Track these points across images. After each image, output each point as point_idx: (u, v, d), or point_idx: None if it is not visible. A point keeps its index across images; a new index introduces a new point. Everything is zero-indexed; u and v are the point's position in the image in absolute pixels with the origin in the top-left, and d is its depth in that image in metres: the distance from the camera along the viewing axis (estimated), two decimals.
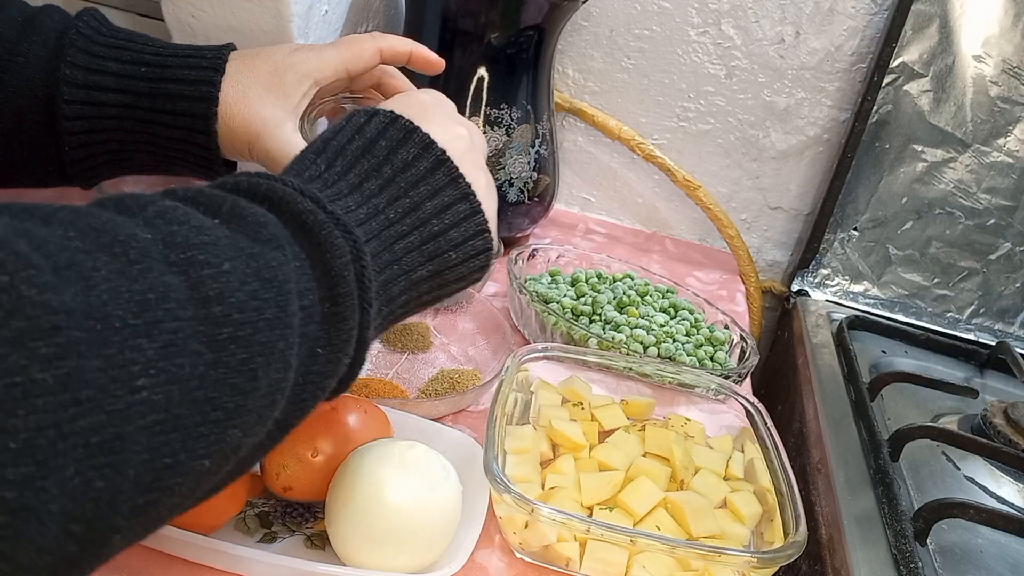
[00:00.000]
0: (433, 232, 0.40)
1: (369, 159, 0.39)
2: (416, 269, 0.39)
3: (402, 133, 0.40)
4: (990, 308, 0.94)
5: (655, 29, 0.95)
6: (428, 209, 0.40)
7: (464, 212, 0.41)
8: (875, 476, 0.63)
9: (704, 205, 0.98)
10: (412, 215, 0.39)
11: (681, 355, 0.68)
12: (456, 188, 0.41)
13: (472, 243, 0.41)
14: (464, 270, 0.42)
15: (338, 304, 0.33)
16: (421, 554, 0.44)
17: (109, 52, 0.52)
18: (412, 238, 0.39)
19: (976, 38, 0.85)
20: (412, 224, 0.39)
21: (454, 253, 0.41)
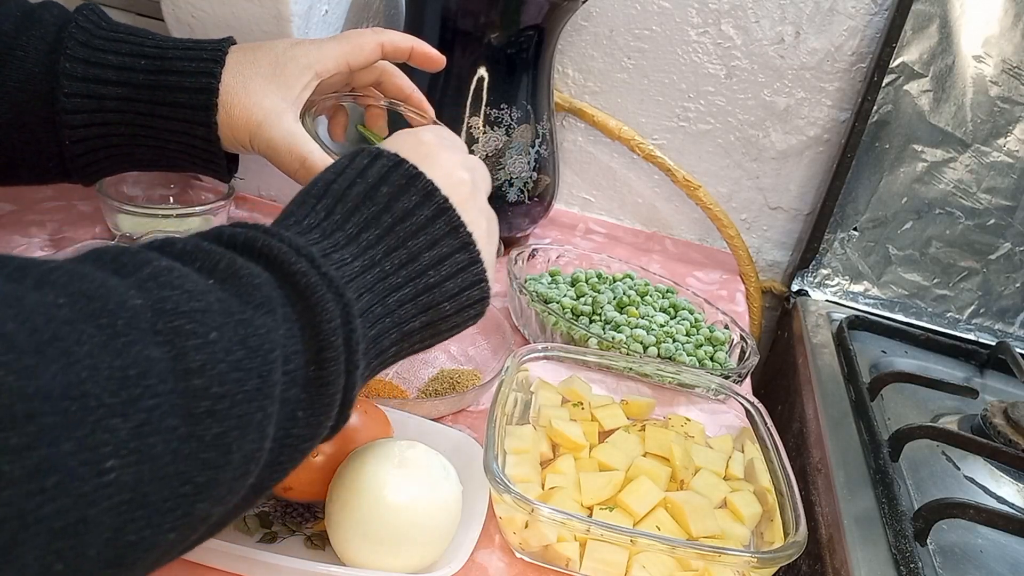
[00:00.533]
0: (429, 284, 0.39)
1: (369, 206, 0.39)
2: (408, 321, 0.39)
3: (405, 179, 0.39)
4: (990, 308, 0.94)
5: (655, 29, 0.95)
6: (426, 260, 0.39)
7: (462, 262, 0.40)
8: (875, 476, 0.63)
9: (704, 205, 0.98)
10: (409, 267, 0.38)
11: (681, 355, 0.68)
12: (456, 237, 0.40)
13: (468, 293, 0.41)
14: (458, 319, 0.42)
15: (324, 368, 0.32)
16: (421, 554, 0.44)
17: (108, 45, 0.51)
18: (407, 290, 0.38)
19: (976, 38, 0.85)
20: (408, 276, 0.38)
21: (449, 304, 0.40)
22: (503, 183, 0.84)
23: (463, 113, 0.82)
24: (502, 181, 0.84)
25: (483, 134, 0.82)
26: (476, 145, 0.82)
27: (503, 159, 0.83)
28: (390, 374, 0.65)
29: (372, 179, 0.39)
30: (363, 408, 0.49)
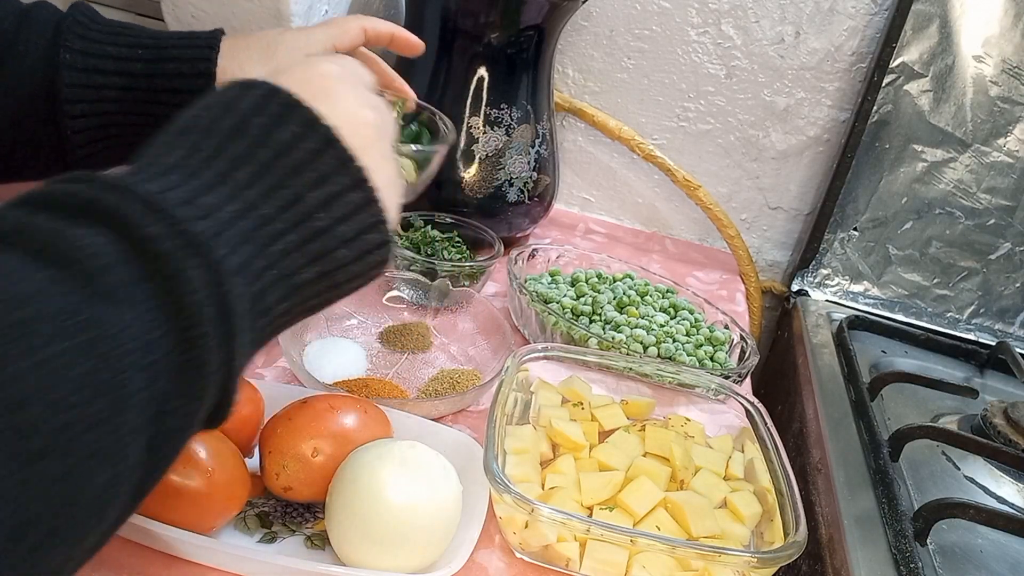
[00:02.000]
0: (318, 228, 0.34)
1: (241, 140, 0.33)
2: (298, 272, 0.34)
3: (282, 108, 0.34)
4: (990, 308, 0.94)
5: (655, 29, 0.95)
6: (312, 200, 0.34)
7: (357, 202, 0.35)
8: (875, 476, 0.63)
9: (704, 205, 0.98)
10: (293, 209, 0.33)
11: (681, 355, 0.68)
12: (347, 174, 0.35)
13: (367, 237, 0.36)
14: (358, 268, 0.37)
15: (193, 349, 0.28)
16: (421, 554, 0.44)
17: (106, 37, 0.53)
18: (292, 237, 0.33)
19: (976, 38, 0.85)
20: (292, 219, 0.33)
21: (345, 250, 0.35)
22: (503, 183, 0.84)
23: (463, 113, 0.82)
24: (502, 181, 0.84)
25: (483, 134, 0.82)
26: (476, 145, 0.82)
27: (503, 159, 0.83)
28: (390, 374, 0.65)
29: (245, 110, 0.34)
30: (363, 408, 0.49)
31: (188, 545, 0.43)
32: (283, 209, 0.33)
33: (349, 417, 0.48)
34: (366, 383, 0.60)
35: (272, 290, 0.33)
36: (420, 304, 0.72)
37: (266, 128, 0.34)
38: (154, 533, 0.42)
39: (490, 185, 0.83)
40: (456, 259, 0.78)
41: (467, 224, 0.82)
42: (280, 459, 0.46)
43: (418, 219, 0.82)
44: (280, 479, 0.46)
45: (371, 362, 0.65)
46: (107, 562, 0.43)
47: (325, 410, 0.47)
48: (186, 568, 0.43)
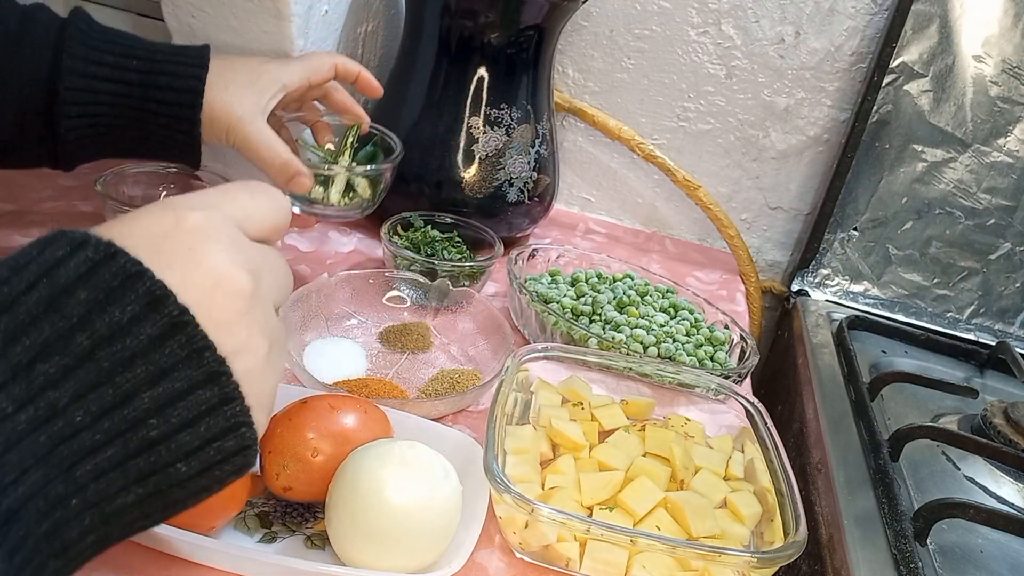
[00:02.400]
0: (149, 439, 0.27)
1: (55, 320, 0.26)
2: (114, 498, 0.27)
3: (119, 279, 0.26)
4: (990, 308, 0.94)
5: (655, 29, 0.95)
6: (145, 403, 0.26)
7: (207, 401, 0.28)
8: (875, 476, 0.63)
9: (704, 205, 0.98)
10: (115, 414, 0.26)
11: (681, 355, 0.68)
12: (198, 366, 0.27)
13: (219, 445, 0.28)
14: (203, 482, 0.29)
15: None
16: (421, 554, 0.44)
17: (104, 46, 0.57)
18: (111, 452, 0.26)
19: (976, 38, 0.85)
20: (113, 429, 0.26)
21: (184, 465, 0.28)
22: (503, 183, 0.84)
23: (463, 113, 0.82)
24: (502, 181, 0.84)
25: (483, 134, 0.82)
26: (476, 145, 0.82)
27: (503, 159, 0.83)
28: (390, 374, 0.65)
29: (64, 279, 0.26)
30: (363, 408, 0.49)
31: (188, 545, 0.43)
32: (100, 415, 0.26)
33: (349, 417, 0.48)
34: (366, 383, 0.60)
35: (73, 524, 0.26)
36: (420, 304, 0.72)
37: (92, 306, 0.26)
38: (154, 533, 0.42)
39: (490, 185, 0.83)
40: (456, 259, 0.78)
41: (467, 224, 0.82)
42: (280, 459, 0.46)
43: (418, 219, 0.82)
44: (280, 479, 0.46)
45: (371, 362, 0.65)
46: (107, 562, 0.43)
47: (325, 410, 0.47)
48: (186, 568, 0.43)
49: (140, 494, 0.27)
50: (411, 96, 0.83)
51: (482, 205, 0.84)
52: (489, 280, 0.81)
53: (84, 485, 0.26)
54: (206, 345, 0.27)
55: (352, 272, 0.71)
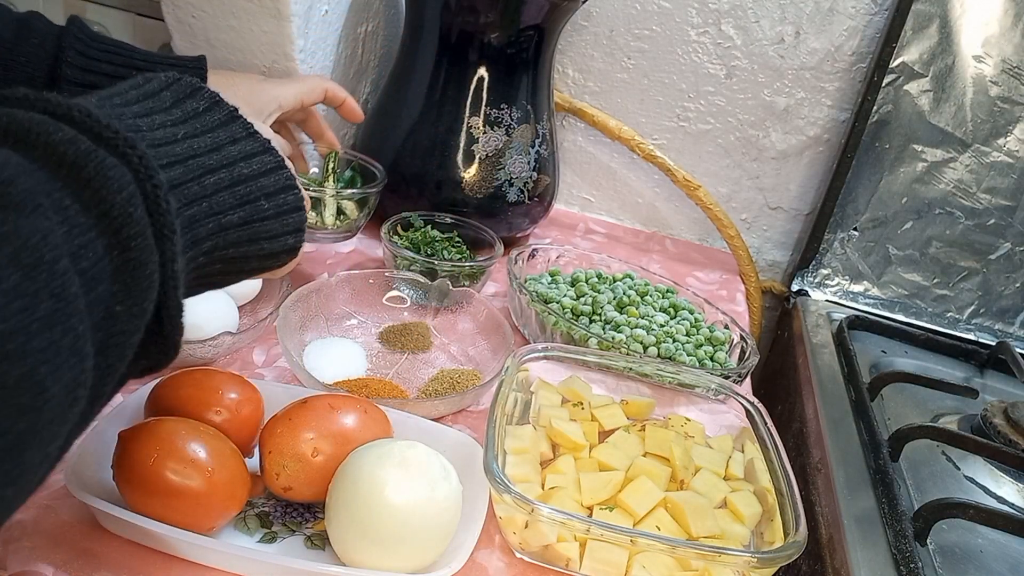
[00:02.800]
0: (243, 175, 0.36)
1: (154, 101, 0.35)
2: (227, 212, 0.35)
3: (189, 88, 0.37)
4: (990, 308, 0.94)
5: (655, 29, 0.95)
6: (234, 151, 0.36)
7: (270, 163, 0.38)
8: (875, 476, 0.63)
9: (704, 205, 0.98)
10: (217, 153, 0.35)
11: (681, 355, 0.68)
12: (256, 141, 0.37)
13: (284, 196, 0.38)
14: (278, 226, 0.38)
15: (129, 249, 0.28)
16: (421, 554, 0.44)
17: (103, 55, 0.58)
18: (222, 175, 0.35)
19: (976, 38, 0.85)
20: (220, 160, 0.35)
21: (267, 203, 0.37)
22: (503, 183, 0.84)
23: (463, 113, 0.82)
24: (502, 181, 0.84)
25: (483, 134, 0.82)
26: (476, 145, 0.82)
27: (503, 159, 0.83)
28: (390, 374, 0.65)
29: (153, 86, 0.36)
30: (363, 408, 0.49)
31: (188, 545, 0.43)
32: (209, 150, 0.34)
33: (349, 417, 0.48)
34: (366, 383, 0.60)
35: (203, 223, 0.33)
36: (420, 304, 0.72)
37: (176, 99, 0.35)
38: (154, 533, 0.42)
39: (490, 185, 0.83)
40: (456, 259, 0.78)
41: (467, 224, 0.82)
42: (280, 459, 0.46)
43: (418, 219, 0.82)
44: (280, 479, 0.46)
45: (371, 362, 0.65)
46: (107, 562, 0.43)
47: (325, 410, 0.47)
48: (186, 568, 0.43)
49: (242, 216, 0.36)
50: (411, 96, 0.83)
51: (482, 205, 0.84)
52: (489, 280, 0.81)
53: (209, 193, 0.34)
54: (256, 130, 0.37)
55: (352, 272, 0.71)
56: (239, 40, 0.73)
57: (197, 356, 0.58)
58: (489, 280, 0.81)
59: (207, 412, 0.46)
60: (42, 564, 0.42)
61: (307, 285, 0.66)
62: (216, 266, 0.36)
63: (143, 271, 0.28)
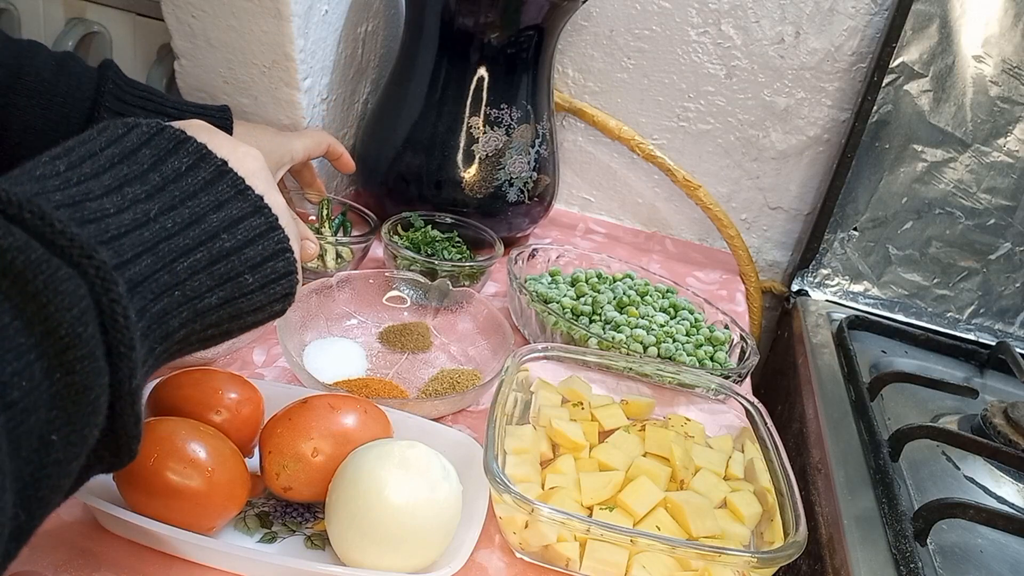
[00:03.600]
0: (225, 249, 0.32)
1: (129, 164, 0.31)
2: (204, 295, 0.32)
3: (172, 143, 0.33)
4: (990, 308, 0.94)
5: (655, 29, 0.95)
6: (215, 222, 0.32)
7: (259, 227, 0.34)
8: (875, 476, 0.63)
9: (704, 205, 0.98)
10: (196, 227, 0.31)
11: (681, 355, 0.68)
12: (246, 200, 0.34)
13: (272, 265, 0.35)
14: (263, 298, 0.35)
15: (74, 372, 0.25)
16: (421, 554, 0.44)
17: (138, 102, 0.60)
18: (199, 254, 0.31)
19: (976, 38, 0.85)
20: (198, 237, 0.31)
21: (251, 276, 0.34)
22: (503, 183, 0.84)
23: (463, 113, 0.82)
24: (502, 181, 0.84)
25: (483, 134, 0.82)
26: (476, 145, 0.82)
27: (503, 159, 0.83)
28: (390, 374, 0.65)
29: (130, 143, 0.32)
30: (363, 408, 0.49)
31: (188, 545, 0.43)
32: (186, 226, 0.31)
33: (349, 417, 0.48)
34: (366, 383, 0.60)
35: (175, 313, 0.31)
36: (420, 304, 0.72)
37: (156, 158, 0.32)
38: (154, 533, 0.42)
39: (490, 185, 0.83)
40: (456, 259, 0.78)
41: (467, 224, 0.82)
42: (280, 459, 0.46)
43: (418, 219, 0.82)
44: (280, 479, 0.46)
45: (371, 362, 0.65)
46: (107, 562, 0.43)
47: (325, 410, 0.47)
48: (186, 568, 0.43)
49: (221, 297, 0.33)
50: (411, 96, 0.83)
51: (482, 205, 0.84)
52: (489, 280, 0.81)
53: (183, 280, 0.31)
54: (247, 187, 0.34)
55: (352, 272, 0.71)
56: (239, 40, 0.73)
57: (197, 356, 0.58)
58: (489, 280, 0.81)
59: (207, 412, 0.46)
60: (42, 564, 0.42)
61: (307, 285, 0.66)
62: (192, 345, 0.34)
63: (87, 396, 0.25)
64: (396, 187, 0.84)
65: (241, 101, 0.78)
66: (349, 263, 0.76)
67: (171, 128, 0.33)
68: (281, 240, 0.35)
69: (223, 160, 0.34)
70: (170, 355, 0.32)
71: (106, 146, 0.31)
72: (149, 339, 0.29)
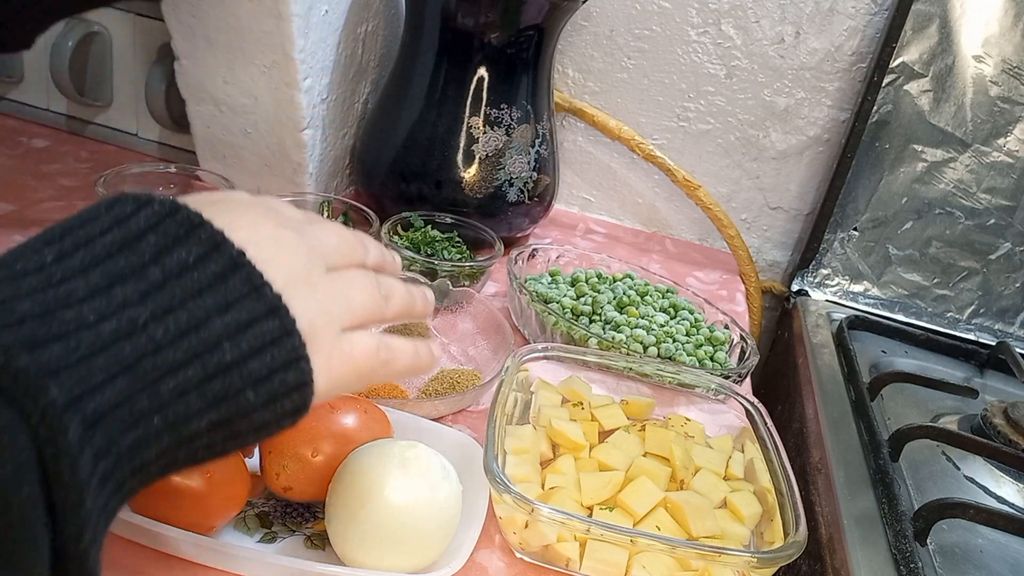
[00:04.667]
0: (224, 363, 0.27)
1: (128, 255, 0.27)
2: (193, 419, 0.27)
3: (184, 228, 0.28)
4: (990, 308, 0.94)
5: (655, 29, 0.95)
6: (217, 327, 0.27)
7: (271, 332, 0.29)
8: (875, 476, 0.63)
9: (704, 205, 0.98)
10: (192, 335, 0.27)
11: (681, 355, 0.68)
12: (260, 299, 0.28)
13: (281, 377, 0.29)
14: (267, 416, 0.29)
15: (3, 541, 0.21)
16: (421, 554, 0.44)
17: None
18: (192, 370, 0.26)
19: (976, 38, 0.85)
20: (192, 350, 0.26)
21: (253, 393, 0.28)
22: (503, 183, 0.84)
23: (463, 113, 0.82)
24: (502, 181, 0.84)
25: (483, 134, 0.82)
26: (476, 145, 0.82)
27: (503, 159, 0.83)
28: None
29: (136, 226, 0.28)
30: (363, 408, 0.49)
31: (188, 545, 0.43)
32: (181, 335, 0.26)
33: (349, 417, 0.48)
34: None
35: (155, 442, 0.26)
36: None
37: (161, 247, 0.28)
38: (154, 533, 0.42)
39: (490, 185, 0.83)
40: (456, 259, 0.78)
41: (467, 224, 0.82)
42: (280, 459, 0.46)
43: (418, 219, 0.82)
44: (280, 479, 0.46)
45: None
46: (107, 562, 0.43)
47: (325, 410, 0.47)
48: (186, 568, 0.43)
49: (213, 420, 0.28)
50: (411, 96, 0.83)
51: (482, 205, 0.84)
52: (489, 280, 0.81)
53: (167, 403, 0.26)
54: (263, 283, 0.29)
55: None
56: (239, 40, 0.73)
57: None
58: (489, 280, 0.81)
59: None
60: None
61: None
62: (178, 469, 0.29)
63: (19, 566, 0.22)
64: (396, 187, 0.84)
65: (241, 101, 0.78)
66: None
67: (186, 210, 0.29)
68: (295, 348, 0.29)
69: (240, 250, 0.29)
70: (148, 483, 0.28)
71: (109, 228, 0.28)
72: (115, 477, 0.25)
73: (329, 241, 0.34)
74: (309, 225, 0.34)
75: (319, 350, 0.31)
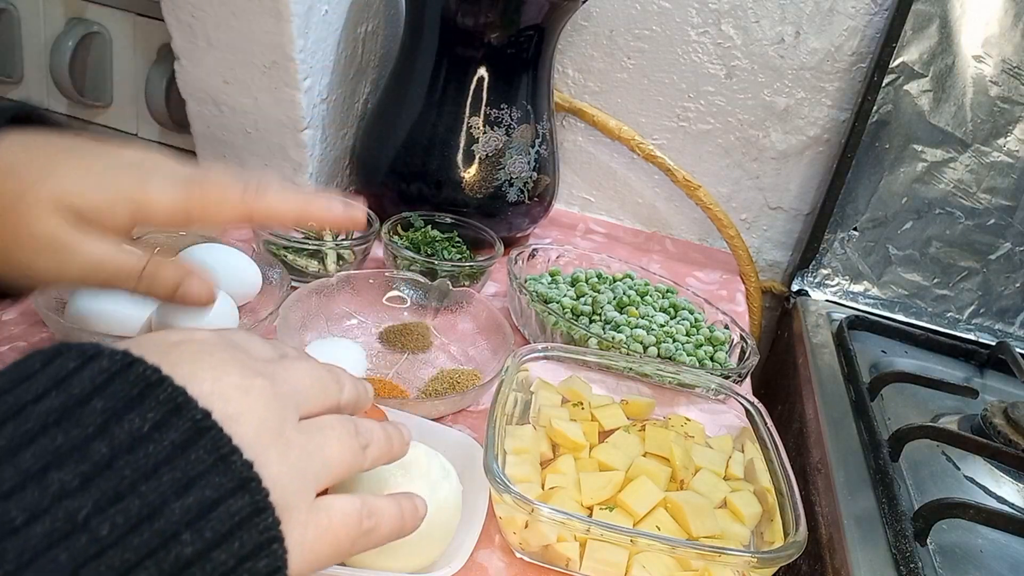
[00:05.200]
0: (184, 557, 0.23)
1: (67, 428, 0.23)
2: None
3: (138, 388, 0.24)
4: (990, 308, 0.94)
5: (655, 29, 0.95)
6: (176, 513, 0.23)
7: (241, 511, 0.25)
8: (875, 476, 0.63)
9: (704, 205, 0.98)
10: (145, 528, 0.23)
11: (681, 355, 0.68)
12: (227, 471, 0.25)
13: (251, 566, 0.25)
14: None
15: None
16: (421, 554, 0.44)
17: None
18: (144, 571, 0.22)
19: (976, 38, 0.85)
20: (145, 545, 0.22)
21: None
22: (503, 183, 0.84)
23: (463, 113, 0.82)
24: (502, 181, 0.84)
25: (483, 134, 0.82)
26: (476, 145, 0.82)
27: (503, 159, 0.83)
28: (390, 374, 0.65)
29: (79, 389, 0.24)
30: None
31: None
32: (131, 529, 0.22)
33: None
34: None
35: None
36: (420, 304, 0.72)
37: (109, 414, 0.24)
38: None
39: (490, 185, 0.83)
40: (456, 259, 0.78)
41: (467, 224, 0.82)
42: None
43: (418, 219, 0.82)
44: None
45: (371, 362, 0.65)
46: None
47: None
48: None
49: None
50: (411, 96, 0.83)
51: (482, 205, 0.84)
52: (489, 280, 0.81)
53: None
54: (232, 449, 0.25)
55: (352, 272, 0.71)
56: (239, 40, 0.73)
57: None
58: (489, 280, 0.81)
59: None
60: None
61: (307, 285, 0.66)
62: None
63: None
64: (396, 187, 0.84)
65: (241, 101, 0.78)
66: (351, 264, 0.76)
67: (141, 364, 0.25)
68: (268, 528, 0.25)
69: (205, 411, 0.25)
70: None
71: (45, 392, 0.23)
72: None
73: (302, 383, 0.31)
74: (279, 366, 0.30)
75: (294, 524, 0.27)
